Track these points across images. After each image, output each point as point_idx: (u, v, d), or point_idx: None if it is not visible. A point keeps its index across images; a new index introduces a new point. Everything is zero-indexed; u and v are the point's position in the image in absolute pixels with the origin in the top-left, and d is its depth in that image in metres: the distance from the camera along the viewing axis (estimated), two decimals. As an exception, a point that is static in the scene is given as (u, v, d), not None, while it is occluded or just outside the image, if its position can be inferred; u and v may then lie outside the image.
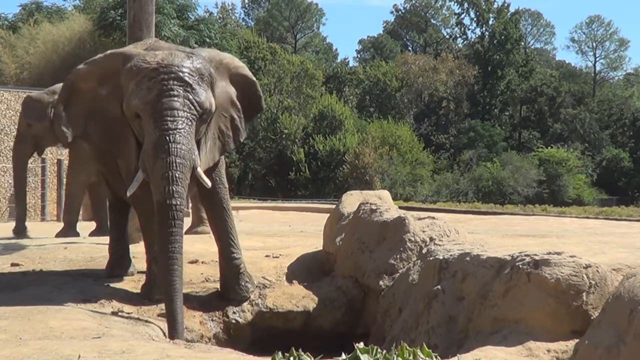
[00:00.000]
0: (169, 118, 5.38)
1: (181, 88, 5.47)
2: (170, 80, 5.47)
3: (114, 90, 5.84)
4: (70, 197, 11.31)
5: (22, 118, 11.24)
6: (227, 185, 6.52)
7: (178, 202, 5.33)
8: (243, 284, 6.53)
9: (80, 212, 16.65)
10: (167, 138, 5.33)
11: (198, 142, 5.71)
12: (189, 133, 5.46)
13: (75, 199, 11.31)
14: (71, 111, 6.20)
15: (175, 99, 5.43)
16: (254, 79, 6.51)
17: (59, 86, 11.54)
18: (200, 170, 5.62)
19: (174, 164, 5.31)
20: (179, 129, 5.38)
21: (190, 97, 5.50)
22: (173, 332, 5.25)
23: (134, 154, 5.78)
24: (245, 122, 6.45)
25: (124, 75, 5.70)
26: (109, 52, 6.21)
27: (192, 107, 5.49)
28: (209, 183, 5.77)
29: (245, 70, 6.43)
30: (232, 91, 6.24)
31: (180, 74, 5.51)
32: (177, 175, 5.31)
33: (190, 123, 5.48)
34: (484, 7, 54.95)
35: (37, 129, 11.09)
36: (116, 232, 7.32)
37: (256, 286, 6.76)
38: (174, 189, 5.30)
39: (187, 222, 6.85)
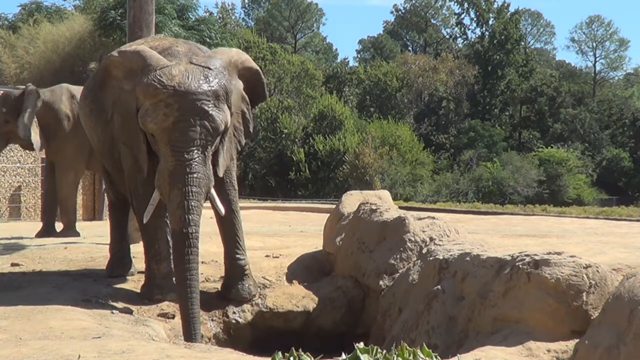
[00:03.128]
0: (185, 148, 5.46)
1: (197, 117, 5.52)
2: (187, 110, 5.49)
3: (134, 88, 5.85)
4: (63, 198, 11.27)
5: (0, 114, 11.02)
6: (237, 188, 6.57)
7: (194, 230, 5.44)
8: (247, 285, 6.55)
9: (80, 212, 16.72)
10: (184, 168, 5.43)
11: (216, 151, 5.78)
12: (204, 159, 5.55)
13: (69, 200, 11.29)
14: (104, 95, 6.22)
15: (192, 129, 5.49)
16: (258, 68, 6.55)
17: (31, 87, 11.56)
18: (214, 192, 5.72)
19: (190, 194, 5.43)
20: (195, 158, 5.47)
21: (207, 124, 5.55)
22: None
23: (145, 157, 5.83)
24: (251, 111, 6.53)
25: (140, 87, 5.69)
26: (135, 48, 6.19)
27: (208, 134, 5.56)
28: (222, 210, 5.90)
29: (250, 62, 6.46)
30: (241, 85, 6.28)
31: (198, 102, 5.53)
32: (192, 204, 5.44)
33: (205, 149, 5.56)
34: (484, 7, 54.91)
35: (14, 126, 11.03)
36: (117, 232, 7.32)
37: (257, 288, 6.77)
38: (190, 217, 5.42)
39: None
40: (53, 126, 11.10)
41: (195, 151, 5.49)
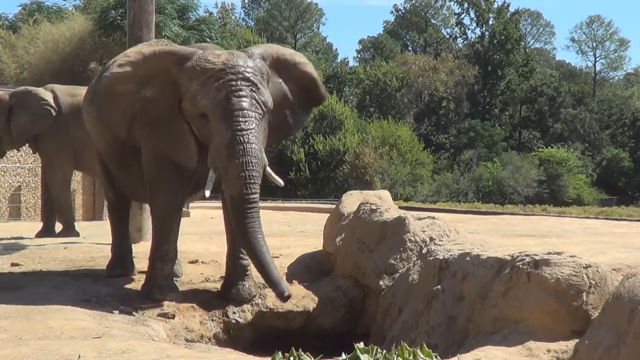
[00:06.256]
0: (240, 119, 5.47)
1: (248, 88, 5.58)
2: (238, 80, 5.56)
3: (162, 90, 5.86)
4: (57, 199, 11.25)
5: None
6: None
7: (255, 199, 5.46)
8: (247, 286, 6.52)
9: (80, 212, 16.73)
10: (241, 139, 5.43)
11: None
12: (258, 132, 5.57)
13: (62, 199, 11.27)
14: (111, 115, 6.15)
15: (245, 99, 5.53)
16: (314, 74, 6.56)
17: (20, 89, 11.62)
18: (269, 168, 5.70)
19: (250, 164, 5.43)
20: (251, 129, 5.49)
21: (257, 97, 5.61)
22: (281, 295, 5.39)
23: (194, 152, 5.83)
24: (304, 114, 6.56)
25: (183, 74, 5.73)
26: (145, 51, 6.10)
27: (259, 107, 5.61)
28: (281, 182, 5.87)
29: (305, 66, 6.47)
30: (286, 87, 6.31)
31: (247, 74, 5.61)
32: (253, 174, 5.44)
33: (258, 122, 5.58)
34: (484, 7, 54.95)
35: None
36: (119, 233, 7.30)
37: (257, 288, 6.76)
38: (251, 187, 5.43)
39: (184, 221, 6.84)
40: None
41: (250, 122, 5.49)
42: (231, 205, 5.58)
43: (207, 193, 5.66)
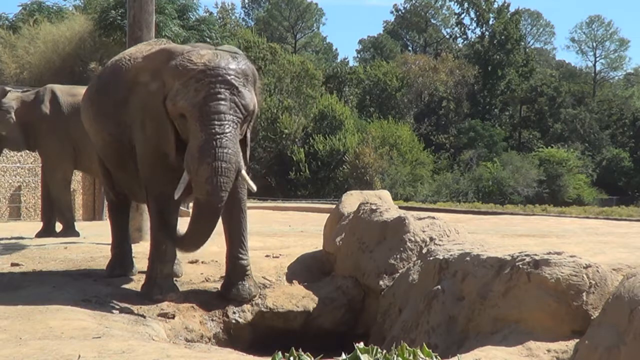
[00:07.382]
0: (216, 122, 5.42)
1: (228, 91, 5.52)
2: (217, 83, 5.50)
3: (159, 86, 5.87)
4: (56, 199, 11.23)
5: None
6: (246, 187, 6.52)
7: (219, 207, 5.46)
8: (247, 286, 6.52)
9: (80, 212, 16.72)
10: (214, 142, 5.38)
11: (241, 142, 5.75)
12: (234, 136, 5.50)
13: (62, 199, 11.25)
14: (132, 104, 6.17)
15: (223, 102, 5.47)
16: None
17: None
18: (244, 173, 5.69)
19: (220, 169, 5.37)
20: (226, 132, 5.42)
21: (237, 100, 5.54)
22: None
23: (174, 150, 5.80)
24: None
25: (167, 72, 5.73)
26: (159, 46, 6.22)
27: (238, 110, 5.55)
28: (254, 187, 5.86)
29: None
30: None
31: (227, 76, 5.55)
32: (222, 180, 5.39)
33: (236, 126, 5.52)
34: (484, 7, 54.94)
35: None
36: (119, 232, 7.30)
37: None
38: (218, 194, 5.40)
39: (184, 221, 6.82)
40: (34, 127, 11.07)
41: (226, 126, 5.43)
42: (195, 206, 5.59)
43: (176, 195, 5.67)
